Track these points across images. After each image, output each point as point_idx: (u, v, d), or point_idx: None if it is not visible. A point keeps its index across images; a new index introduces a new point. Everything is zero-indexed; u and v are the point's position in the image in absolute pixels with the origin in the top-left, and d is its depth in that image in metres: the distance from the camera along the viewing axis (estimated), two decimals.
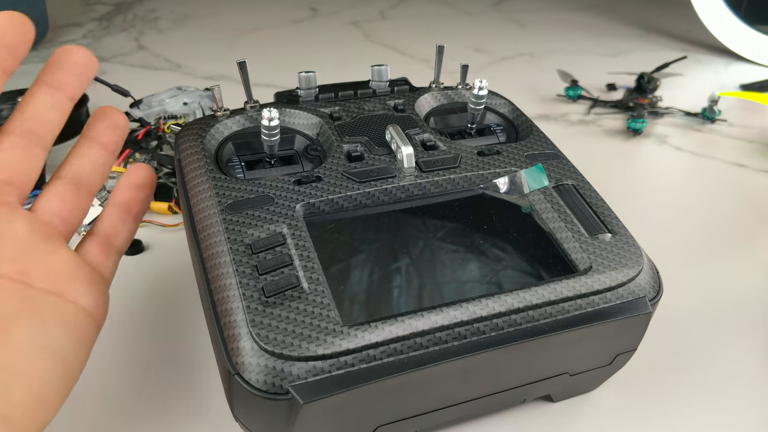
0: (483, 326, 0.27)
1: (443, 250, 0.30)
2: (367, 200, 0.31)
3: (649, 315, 0.29)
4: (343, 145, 0.34)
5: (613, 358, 0.31)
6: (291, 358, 0.24)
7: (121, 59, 0.81)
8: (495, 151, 0.35)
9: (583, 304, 0.28)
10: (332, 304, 0.26)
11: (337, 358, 0.25)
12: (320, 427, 0.26)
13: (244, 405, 0.26)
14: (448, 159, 0.33)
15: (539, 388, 0.32)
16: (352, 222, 0.31)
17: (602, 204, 0.32)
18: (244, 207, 0.30)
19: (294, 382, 0.24)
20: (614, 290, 0.29)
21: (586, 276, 0.29)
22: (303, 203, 0.30)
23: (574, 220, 0.31)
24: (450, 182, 0.32)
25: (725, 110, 0.67)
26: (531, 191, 0.33)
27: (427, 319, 0.26)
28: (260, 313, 0.25)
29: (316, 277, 0.27)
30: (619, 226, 0.31)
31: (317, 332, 0.25)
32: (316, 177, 0.32)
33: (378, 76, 0.39)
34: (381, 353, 0.25)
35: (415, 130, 0.35)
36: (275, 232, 0.29)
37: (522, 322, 0.27)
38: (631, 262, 0.29)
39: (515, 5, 1.03)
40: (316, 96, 0.38)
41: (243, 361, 0.25)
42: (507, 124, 0.39)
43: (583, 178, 0.34)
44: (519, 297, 0.27)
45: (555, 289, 0.28)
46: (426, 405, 0.29)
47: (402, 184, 0.32)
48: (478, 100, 0.36)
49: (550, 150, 0.35)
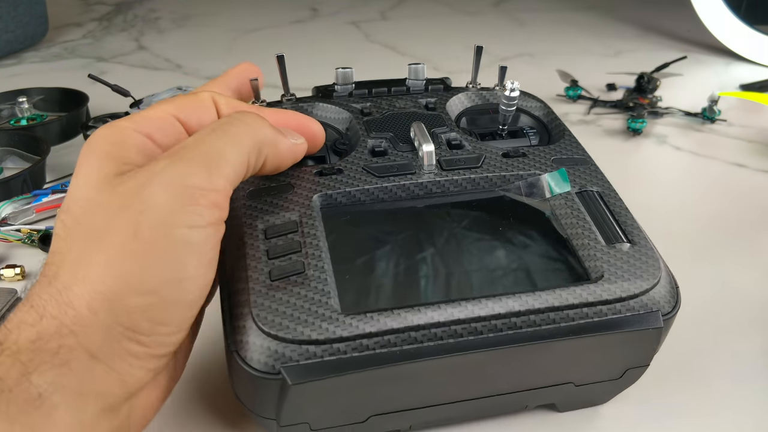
0: (481, 326, 0.27)
1: (455, 248, 0.30)
2: (384, 195, 0.32)
3: (660, 330, 0.28)
4: (368, 140, 0.34)
5: (622, 372, 0.31)
6: (286, 340, 0.25)
7: (121, 59, 0.81)
8: (521, 154, 0.34)
9: (590, 313, 0.27)
10: (333, 293, 0.27)
11: (330, 345, 0.25)
12: (312, 410, 0.27)
13: (241, 382, 0.27)
14: (470, 159, 0.33)
15: (542, 395, 0.31)
16: (368, 215, 0.31)
17: (626, 213, 0.32)
18: (264, 194, 0.31)
19: (286, 364, 0.25)
20: (625, 301, 0.28)
21: (596, 284, 0.28)
22: (320, 194, 0.31)
23: (592, 227, 0.30)
24: (470, 182, 0.32)
25: (725, 110, 0.67)
26: (552, 196, 0.32)
27: (423, 314, 0.26)
28: (263, 295, 0.27)
29: (321, 265, 0.28)
30: (640, 237, 0.30)
31: (314, 318, 0.26)
32: (337, 169, 0.32)
33: (414, 74, 0.39)
34: (374, 344, 0.26)
35: (442, 129, 0.35)
36: (289, 219, 0.29)
37: (522, 326, 0.27)
38: (647, 274, 0.29)
39: (515, 5, 1.03)
40: (350, 92, 0.38)
41: (242, 339, 0.26)
42: (540, 127, 0.39)
43: (609, 185, 0.33)
44: (521, 300, 0.27)
45: (560, 295, 0.27)
46: (421, 400, 0.29)
47: (420, 181, 0.32)
48: (509, 101, 0.36)
49: (579, 155, 0.35)
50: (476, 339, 0.26)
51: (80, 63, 0.79)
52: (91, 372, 0.23)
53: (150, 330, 0.24)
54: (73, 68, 0.77)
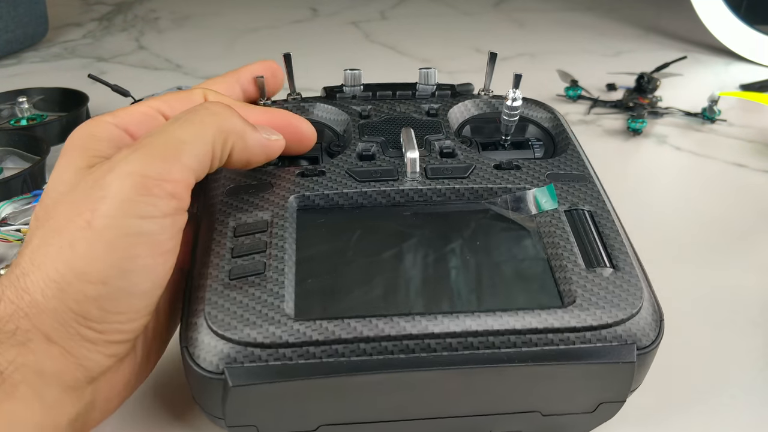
0: (434, 344, 0.25)
1: (425, 259, 0.29)
2: (363, 200, 0.31)
3: (633, 365, 0.26)
4: (359, 144, 0.34)
5: (595, 406, 0.29)
6: (232, 341, 0.25)
7: (121, 59, 0.81)
8: (514, 166, 0.33)
9: (555, 340, 0.26)
10: (289, 296, 0.26)
11: (276, 349, 0.25)
12: (258, 414, 0.27)
13: (191, 379, 0.27)
14: (458, 168, 0.32)
15: (506, 421, 0.30)
16: (344, 219, 0.30)
17: (615, 236, 0.30)
18: (243, 192, 0.30)
19: (230, 365, 0.25)
20: (595, 330, 0.26)
21: (564, 310, 0.26)
22: (298, 195, 0.30)
23: (573, 249, 0.29)
24: (454, 192, 0.31)
25: (725, 110, 0.67)
26: (540, 212, 0.31)
27: (374, 326, 0.25)
28: (218, 293, 0.26)
29: (282, 267, 0.27)
30: (626, 263, 0.28)
31: (262, 320, 0.25)
32: (319, 171, 0.32)
33: (425, 78, 0.38)
34: (321, 352, 0.25)
35: (437, 136, 0.34)
36: (261, 219, 0.29)
37: (479, 347, 0.26)
38: (625, 303, 0.27)
39: (515, 5, 1.03)
40: (354, 94, 0.38)
41: (193, 335, 0.26)
42: (547, 139, 0.37)
43: (604, 205, 0.31)
44: (479, 320, 0.26)
45: (523, 318, 0.26)
46: (373, 414, 0.28)
47: (402, 188, 0.31)
48: (511, 111, 0.34)
49: (578, 171, 0.33)
50: (428, 357, 0.25)
51: (80, 63, 0.79)
52: (49, 353, 0.24)
53: (101, 318, 0.24)
54: (73, 68, 0.77)
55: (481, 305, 0.27)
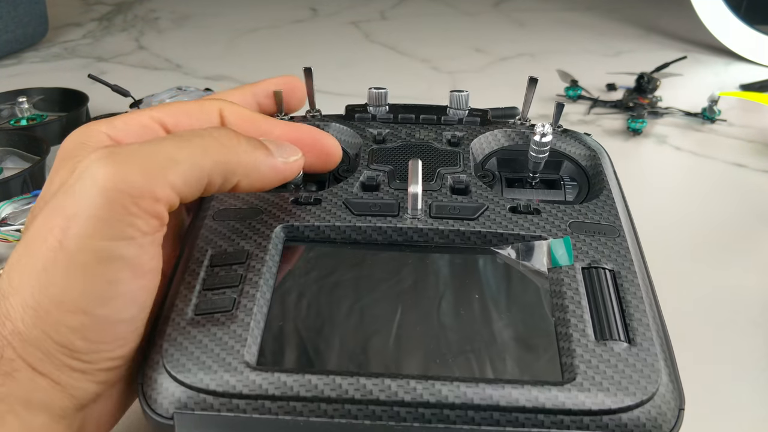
0: (404, 412, 0.22)
1: (413, 311, 0.26)
2: (357, 235, 0.28)
3: None
4: (365, 171, 0.31)
5: None
6: (185, 385, 0.23)
7: (121, 59, 0.81)
8: (532, 210, 0.29)
9: (546, 422, 0.22)
10: (252, 340, 0.24)
11: (229, 399, 0.23)
12: None
13: (145, 417, 0.24)
14: (467, 208, 0.29)
15: None
16: (332, 257, 0.28)
17: (638, 305, 0.25)
18: (230, 216, 0.28)
19: (180, 410, 0.23)
20: (595, 416, 0.22)
21: (561, 388, 0.22)
22: (285, 225, 0.28)
23: (584, 315, 0.25)
24: (458, 235, 0.28)
25: (725, 110, 0.67)
26: (552, 267, 0.27)
27: (337, 385, 0.22)
28: (179, 330, 0.24)
29: (251, 306, 0.24)
30: (645, 337, 0.24)
31: (219, 366, 0.23)
32: (314, 199, 0.29)
33: (457, 102, 0.35)
34: (278, 408, 0.22)
35: (452, 169, 0.31)
36: (241, 248, 0.26)
37: (456, 421, 0.22)
38: (636, 386, 0.22)
39: (515, 5, 1.03)
40: (373, 115, 0.35)
41: (149, 374, 0.24)
42: (583, 179, 0.33)
43: (631, 266, 0.27)
44: (458, 391, 0.22)
45: (509, 393, 0.22)
46: None
47: (400, 225, 0.28)
48: (539, 147, 0.30)
49: (607, 221, 0.29)
50: (395, 427, 0.22)
51: (80, 63, 0.79)
52: (35, 384, 0.22)
53: (88, 349, 0.22)
54: (73, 68, 0.77)
55: (465, 372, 0.23)
